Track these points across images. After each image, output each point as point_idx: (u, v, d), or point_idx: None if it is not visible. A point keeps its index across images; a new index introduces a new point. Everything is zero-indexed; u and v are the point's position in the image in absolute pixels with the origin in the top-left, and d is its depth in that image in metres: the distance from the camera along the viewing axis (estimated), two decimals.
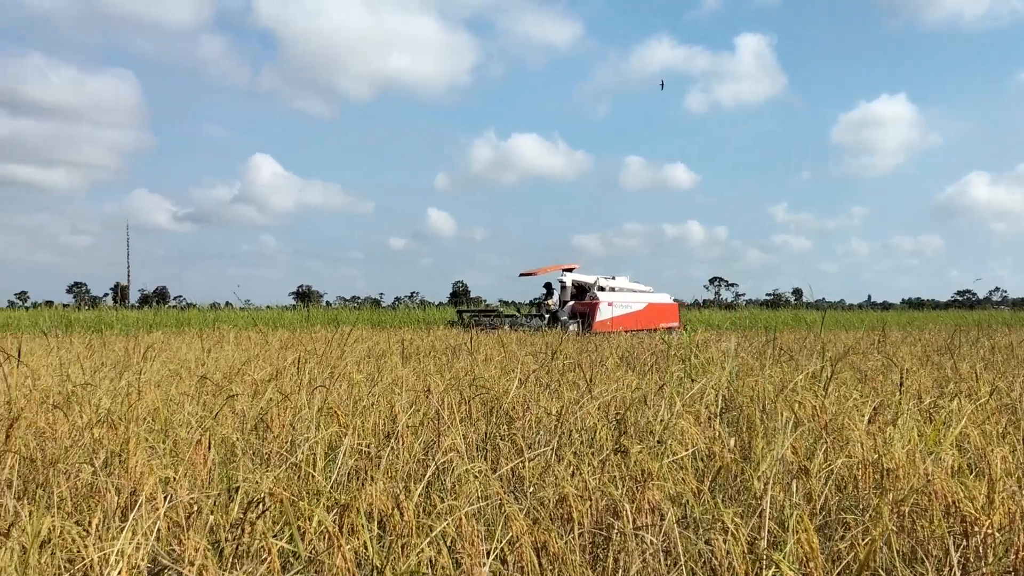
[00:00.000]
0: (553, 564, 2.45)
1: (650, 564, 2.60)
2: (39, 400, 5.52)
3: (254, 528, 1.98)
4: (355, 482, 3.55)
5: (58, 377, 7.15)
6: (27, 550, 2.32)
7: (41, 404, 5.31)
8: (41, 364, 8.10)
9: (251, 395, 5.89)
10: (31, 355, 9.43)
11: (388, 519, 2.58)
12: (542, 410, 4.61)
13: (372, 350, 11.80)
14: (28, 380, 6.69)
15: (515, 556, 2.31)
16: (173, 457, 3.86)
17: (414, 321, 27.74)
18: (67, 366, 7.88)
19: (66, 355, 9.47)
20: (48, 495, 3.25)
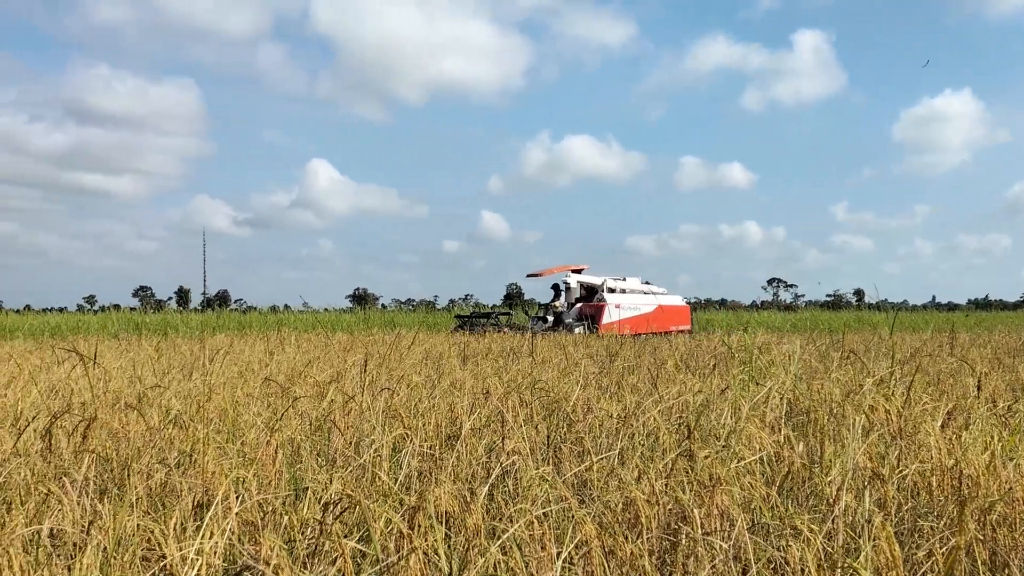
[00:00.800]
0: (622, 568, 2.43)
1: (720, 570, 2.56)
2: (111, 401, 5.69)
3: (328, 528, 2.00)
4: (419, 484, 3.57)
5: (128, 379, 7.36)
6: (109, 549, 2.39)
7: (113, 405, 5.47)
8: (112, 366, 8.35)
9: (314, 397, 5.98)
10: (102, 357, 9.73)
11: (456, 521, 2.59)
12: (603, 413, 4.58)
13: (429, 352, 11.89)
14: (100, 382, 6.90)
15: (584, 560, 2.30)
16: (242, 458, 3.93)
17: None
18: (138, 368, 8.10)
19: (135, 357, 9.74)
20: (125, 494, 3.34)
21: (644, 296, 23.45)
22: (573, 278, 22.72)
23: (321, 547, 2.17)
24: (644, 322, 22.21)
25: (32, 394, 5.38)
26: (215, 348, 12.03)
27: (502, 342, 14.14)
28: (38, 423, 4.35)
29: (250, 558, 1.93)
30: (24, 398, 5.63)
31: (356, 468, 3.61)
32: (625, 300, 22.62)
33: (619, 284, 23.41)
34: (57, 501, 2.91)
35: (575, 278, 22.73)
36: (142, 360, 9.13)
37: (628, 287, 23.57)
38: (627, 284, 23.65)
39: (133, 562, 2.28)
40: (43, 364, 8.72)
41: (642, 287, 24.10)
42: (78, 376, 7.25)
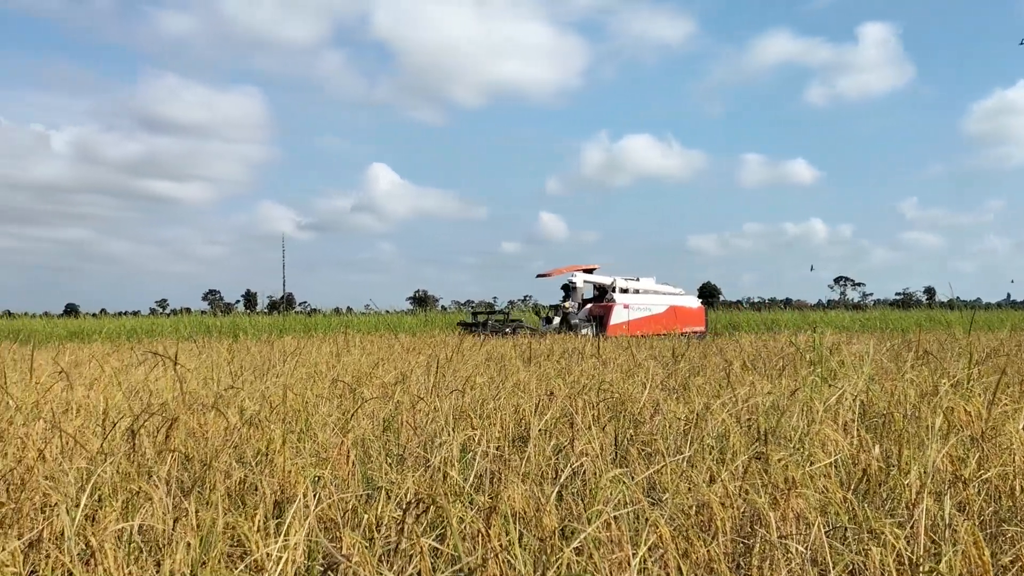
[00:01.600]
0: (696, 571, 2.42)
1: (796, 573, 2.53)
2: (188, 402, 5.88)
3: (408, 528, 2.04)
4: (488, 484, 3.61)
5: (203, 380, 7.59)
6: (194, 545, 2.48)
7: (190, 406, 5.64)
8: (187, 368, 8.62)
9: (381, 398, 6.08)
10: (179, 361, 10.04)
11: (529, 522, 2.61)
12: (671, 415, 4.56)
13: (491, 354, 11.97)
14: (178, 383, 7.13)
15: (659, 563, 2.30)
16: (315, 457, 4.02)
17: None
18: (212, 370, 8.33)
19: (209, 359, 10.03)
20: (207, 492, 3.46)
21: (655, 296, 22.69)
22: (580, 277, 22.02)
23: (400, 546, 2.21)
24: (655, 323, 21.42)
25: (117, 396, 5.59)
26: (283, 350, 12.32)
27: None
28: (123, 423, 4.52)
29: (340, 556, 1.98)
30: (107, 399, 5.85)
31: (426, 468, 3.67)
32: (635, 300, 21.94)
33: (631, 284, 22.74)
34: (145, 499, 3.03)
35: (582, 277, 22.04)
36: (215, 362, 9.39)
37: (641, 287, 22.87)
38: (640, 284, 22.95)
39: (220, 558, 2.36)
40: (122, 366, 9.05)
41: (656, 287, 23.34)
42: (156, 377, 7.50)
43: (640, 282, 22.98)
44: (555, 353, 11.75)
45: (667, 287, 23.61)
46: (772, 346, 11.81)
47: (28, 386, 6.24)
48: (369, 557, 2.00)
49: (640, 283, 22.95)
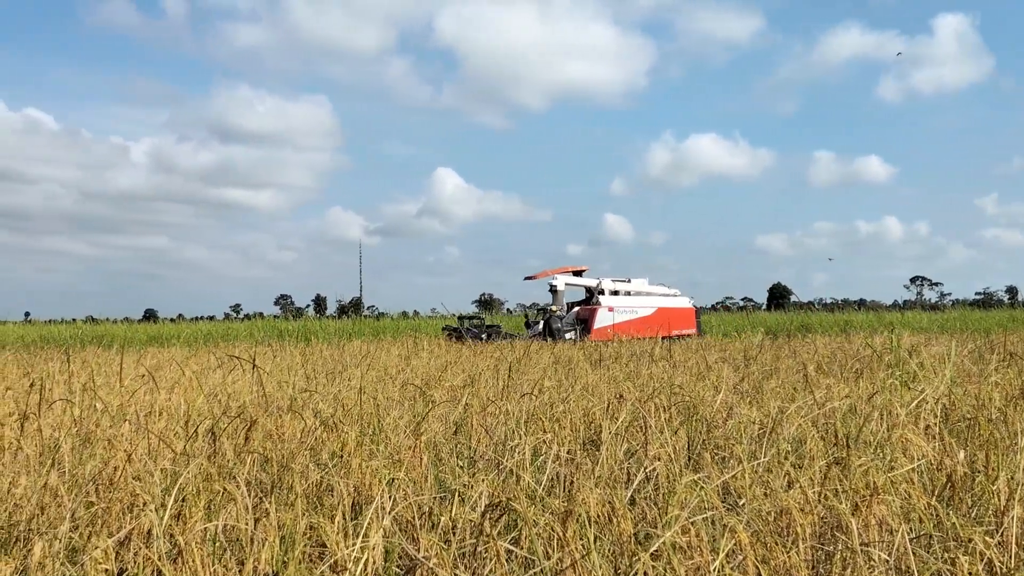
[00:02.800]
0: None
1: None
2: (264, 405, 6.03)
3: (486, 530, 2.06)
4: (560, 488, 3.61)
5: (277, 383, 7.77)
6: (275, 544, 2.54)
7: (267, 409, 5.79)
8: (262, 371, 8.84)
9: (450, 401, 6.13)
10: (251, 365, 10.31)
11: (603, 526, 2.60)
12: (746, 419, 4.49)
13: (559, 357, 11.95)
14: (254, 386, 7.32)
15: (738, 569, 2.26)
16: (388, 459, 4.08)
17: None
18: (287, 373, 8.52)
19: (283, 363, 10.27)
20: (285, 493, 3.54)
21: (642, 298, 21.80)
22: (560, 279, 21.09)
23: (477, 549, 2.23)
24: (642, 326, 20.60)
25: (199, 399, 5.76)
26: (353, 354, 12.54)
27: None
28: (203, 425, 4.66)
29: (419, 557, 2.01)
30: (187, 401, 6.04)
31: (498, 470, 3.69)
32: (620, 303, 21.10)
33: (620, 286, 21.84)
34: (227, 499, 3.11)
35: (563, 279, 21.13)
36: (289, 366, 9.61)
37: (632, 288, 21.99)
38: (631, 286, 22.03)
39: (301, 558, 2.42)
40: (200, 370, 9.33)
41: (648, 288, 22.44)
42: (233, 380, 7.72)
43: (631, 283, 22.14)
44: (622, 356, 11.68)
45: (660, 288, 22.72)
46: (847, 348, 11.52)
47: (114, 390, 6.49)
48: (447, 558, 2.02)
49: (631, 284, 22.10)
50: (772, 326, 23.98)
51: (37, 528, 3.25)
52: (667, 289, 22.82)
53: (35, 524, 3.27)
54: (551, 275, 21.26)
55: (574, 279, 21.43)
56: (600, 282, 21.35)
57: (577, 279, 21.49)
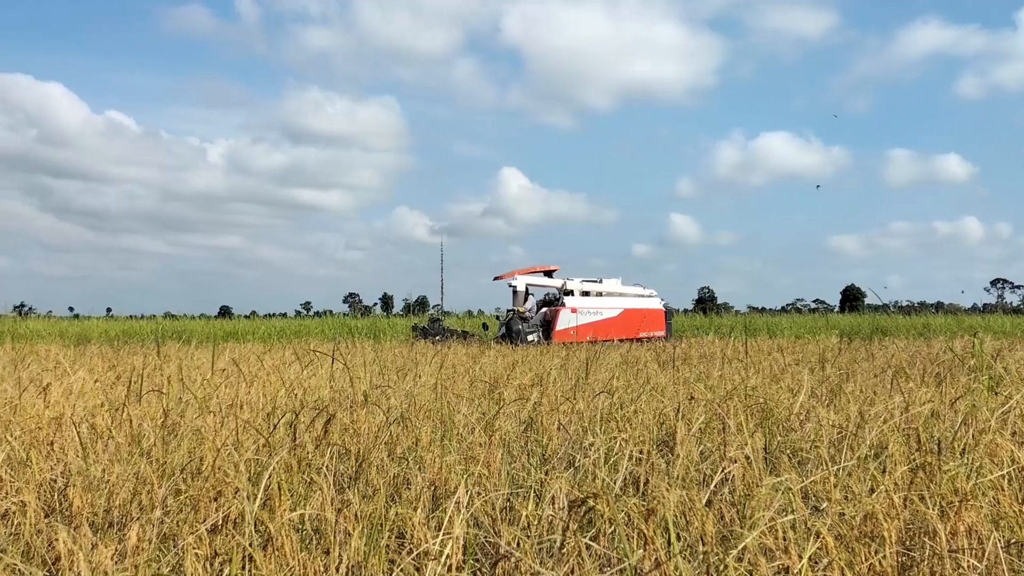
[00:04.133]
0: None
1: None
2: (339, 400, 6.17)
3: (571, 527, 2.08)
4: (634, 488, 3.60)
5: (349, 379, 7.92)
6: (355, 534, 2.61)
7: (342, 404, 5.91)
8: (337, 367, 9.02)
9: (520, 399, 6.17)
10: (326, 361, 10.55)
11: (682, 527, 2.60)
12: (827, 422, 4.40)
13: (626, 357, 11.90)
14: (330, 382, 7.49)
15: (822, 573, 2.23)
16: (460, 453, 4.14)
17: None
18: (360, 369, 8.67)
19: (352, 359, 10.46)
20: (363, 485, 3.63)
21: (608, 299, 20.88)
22: (521, 280, 20.13)
23: (563, 544, 2.25)
24: (606, 328, 19.84)
25: (280, 392, 5.92)
26: (423, 351, 12.69)
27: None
28: (283, 418, 4.79)
29: (508, 549, 2.04)
30: (267, 395, 6.22)
31: (573, 469, 3.70)
32: (584, 304, 20.19)
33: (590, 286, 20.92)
34: (312, 489, 3.20)
35: (523, 280, 20.18)
36: (361, 362, 9.78)
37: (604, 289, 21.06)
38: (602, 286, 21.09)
39: (385, 549, 2.48)
40: (276, 365, 9.58)
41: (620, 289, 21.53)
42: (309, 375, 7.90)
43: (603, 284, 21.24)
44: (691, 357, 11.55)
45: (635, 289, 21.89)
46: (926, 352, 11.17)
47: (195, 383, 6.72)
48: (530, 551, 2.05)
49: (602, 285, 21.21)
50: (846, 329, 23.37)
51: (131, 514, 3.40)
52: (642, 290, 21.86)
53: (129, 510, 3.42)
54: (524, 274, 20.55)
55: (536, 279, 20.60)
56: (565, 283, 20.56)
57: (539, 279, 20.68)
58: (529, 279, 20.27)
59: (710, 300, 76.58)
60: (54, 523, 3.30)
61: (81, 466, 3.82)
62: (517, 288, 19.94)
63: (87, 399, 5.58)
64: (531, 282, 20.31)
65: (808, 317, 33.34)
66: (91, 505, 3.45)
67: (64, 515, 3.50)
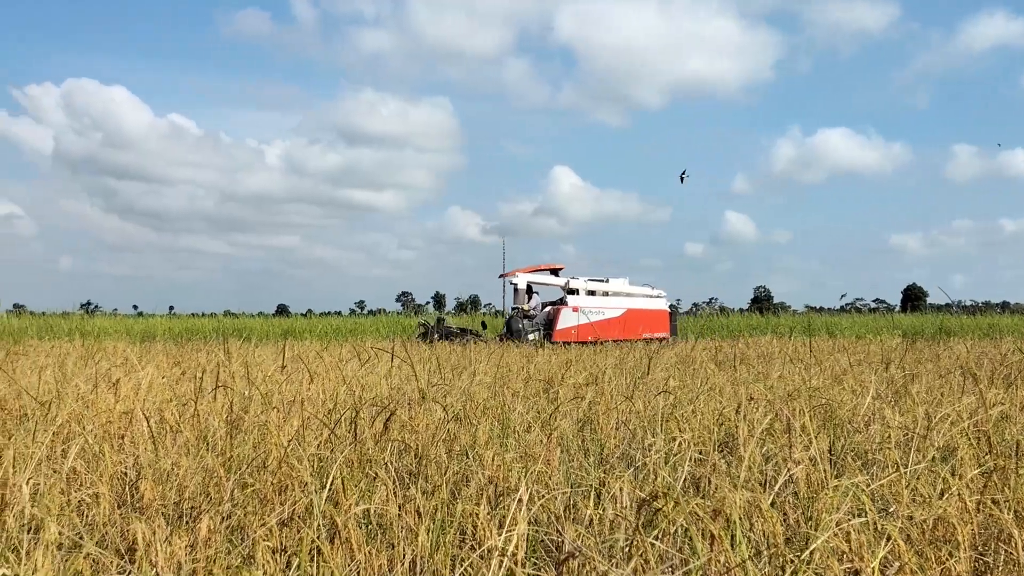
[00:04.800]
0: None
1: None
2: (396, 397, 6.24)
3: (638, 526, 2.08)
4: (694, 488, 3.58)
5: (405, 377, 8.01)
6: (418, 529, 2.64)
7: (399, 401, 5.98)
8: (394, 364, 9.12)
9: (576, 398, 6.16)
10: (381, 358, 10.68)
11: (748, 528, 2.57)
12: (895, 424, 4.31)
13: (679, 356, 11.80)
14: (385, 379, 7.58)
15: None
16: (520, 452, 4.16)
17: (717, 328, 27.19)
18: (415, 367, 8.75)
19: (407, 357, 10.56)
20: (423, 482, 3.66)
21: (610, 299, 20.41)
22: (522, 278, 19.75)
23: (632, 543, 2.25)
24: (608, 328, 19.39)
25: (341, 389, 6.02)
26: (476, 350, 12.77)
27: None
28: (345, 414, 4.87)
29: (575, 546, 2.05)
30: (327, 392, 6.32)
31: (634, 468, 3.69)
32: (586, 303, 19.72)
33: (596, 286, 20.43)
34: (376, 484, 3.25)
35: (524, 278, 19.78)
36: (418, 359, 9.87)
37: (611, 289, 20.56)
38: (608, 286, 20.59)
39: (451, 544, 2.50)
40: (332, 363, 9.73)
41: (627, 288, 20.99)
42: (367, 372, 8.01)
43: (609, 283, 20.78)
44: (748, 357, 11.40)
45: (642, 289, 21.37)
46: (993, 354, 10.84)
47: (256, 379, 6.86)
48: (596, 550, 2.05)
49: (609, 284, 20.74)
50: (908, 329, 22.80)
51: (199, 506, 3.49)
52: (650, 291, 21.44)
53: (198, 502, 3.52)
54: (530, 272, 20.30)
55: (538, 278, 20.26)
56: (568, 281, 20.16)
57: (542, 277, 20.34)
58: (531, 277, 20.05)
59: (766, 299, 75.41)
60: (127, 514, 3.41)
61: (151, 459, 3.94)
62: (518, 286, 19.75)
63: (155, 394, 5.75)
64: (532, 280, 20.09)
65: (868, 316, 32.61)
66: (161, 497, 3.55)
67: (135, 507, 3.61)
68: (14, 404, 5.58)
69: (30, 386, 6.05)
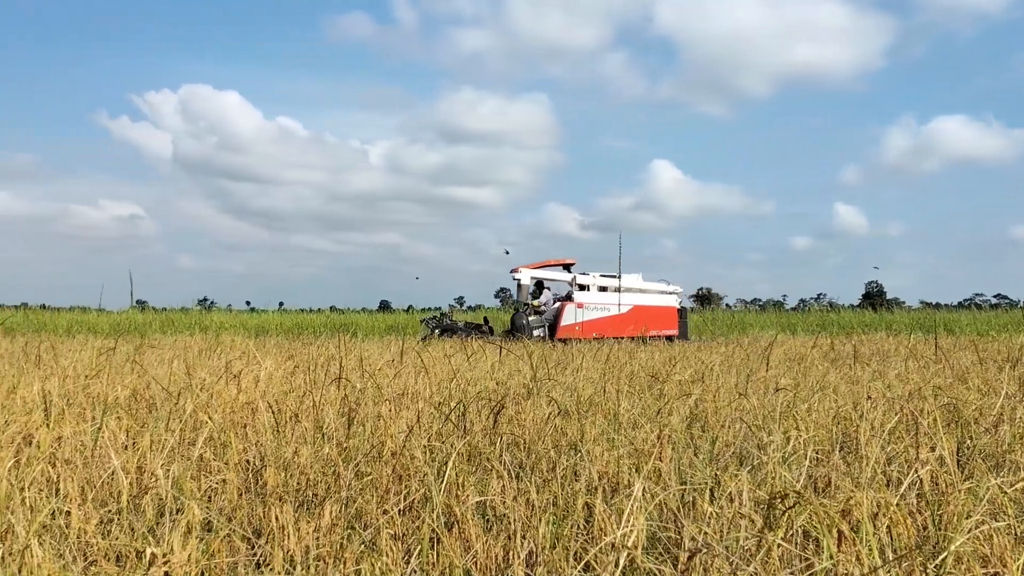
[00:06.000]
0: None
1: None
2: (500, 391, 6.30)
3: (772, 524, 2.04)
4: (814, 488, 3.47)
5: (508, 372, 8.08)
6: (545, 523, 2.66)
7: (504, 394, 6.03)
8: (495, 359, 9.22)
9: (682, 396, 6.08)
10: (484, 353, 10.81)
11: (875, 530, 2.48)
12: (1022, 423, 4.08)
13: (788, 353, 11.47)
14: (490, 373, 7.67)
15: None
16: (629, 448, 4.13)
17: (828, 324, 26.27)
18: (519, 361, 8.82)
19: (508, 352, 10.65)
20: (532, 475, 3.69)
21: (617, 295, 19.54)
22: (525, 273, 19.13)
23: (743, 541, 2.21)
24: (613, 325, 18.71)
25: (452, 383, 6.13)
26: (572, 346, 12.76)
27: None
28: (455, 407, 4.95)
29: (701, 543, 2.03)
30: (432, 385, 6.45)
31: (753, 467, 3.61)
32: (592, 299, 19.05)
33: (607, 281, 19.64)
34: (487, 476, 3.29)
35: (527, 273, 19.16)
36: (520, 354, 9.94)
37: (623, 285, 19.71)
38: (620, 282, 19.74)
39: (570, 537, 2.52)
40: (436, 357, 9.91)
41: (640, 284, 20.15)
42: (471, 366, 8.12)
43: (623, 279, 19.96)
44: (863, 355, 10.98)
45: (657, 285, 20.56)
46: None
47: (369, 373, 7.06)
48: (719, 547, 2.02)
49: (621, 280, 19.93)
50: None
51: (319, 494, 3.62)
52: (665, 286, 20.70)
53: (319, 490, 3.65)
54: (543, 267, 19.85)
55: (543, 273, 19.72)
56: (575, 276, 19.54)
57: (546, 273, 19.79)
58: (536, 273, 19.68)
59: (878, 295, 72.29)
60: (251, 499, 3.57)
61: (273, 448, 4.11)
62: (521, 282, 19.37)
63: (274, 386, 5.99)
64: (536, 276, 19.72)
65: (990, 313, 30.87)
66: (283, 484, 3.70)
67: (258, 493, 3.77)
68: (145, 394, 5.92)
69: (160, 377, 6.40)
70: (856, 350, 11.42)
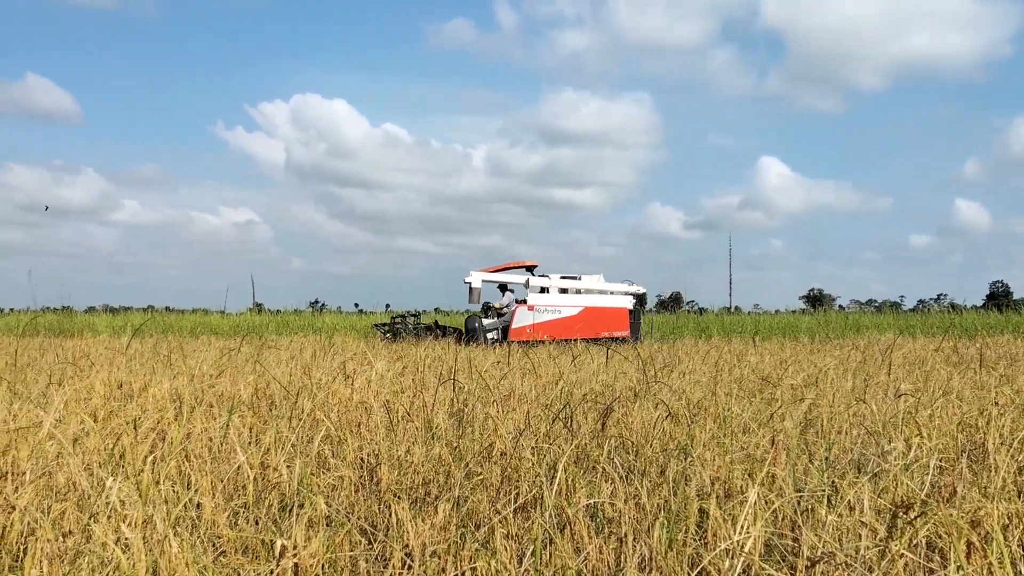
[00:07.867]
0: None
1: None
2: (607, 393, 6.29)
3: (898, 533, 1.98)
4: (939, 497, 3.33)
5: (614, 374, 8.05)
6: (668, 526, 2.65)
7: (611, 397, 6.02)
8: (599, 362, 9.20)
9: (793, 401, 5.91)
10: (588, 355, 10.80)
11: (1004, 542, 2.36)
12: None
13: (908, 357, 10.99)
14: (595, 376, 7.67)
15: None
16: (742, 453, 4.05)
17: (950, 326, 24.95)
18: (621, 364, 8.77)
19: (613, 354, 10.60)
20: (641, 478, 3.68)
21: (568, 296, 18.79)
22: (476, 277, 18.54)
23: (866, 550, 2.15)
24: (563, 327, 18.02)
25: (559, 385, 6.16)
26: (686, 349, 12.59)
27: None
28: (561, 411, 4.98)
29: (825, 552, 1.99)
30: (538, 387, 6.49)
31: (860, 472, 3.49)
32: (542, 301, 18.34)
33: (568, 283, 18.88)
34: (599, 479, 3.30)
35: (479, 276, 18.56)
36: (624, 356, 9.89)
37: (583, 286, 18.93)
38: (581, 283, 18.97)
39: (684, 541, 2.50)
40: (541, 359, 9.97)
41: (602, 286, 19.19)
42: (575, 368, 8.14)
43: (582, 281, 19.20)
44: (988, 359, 10.40)
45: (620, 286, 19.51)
46: None
47: (475, 375, 7.17)
48: (841, 555, 1.97)
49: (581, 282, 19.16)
50: None
51: (431, 492, 3.71)
52: (627, 287, 19.66)
53: (431, 489, 3.74)
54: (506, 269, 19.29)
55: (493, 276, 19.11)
56: (528, 279, 18.90)
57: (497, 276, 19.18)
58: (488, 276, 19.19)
59: (1004, 295, 68.11)
60: (367, 496, 3.70)
61: (386, 447, 4.23)
62: (472, 285, 18.94)
63: (386, 387, 6.16)
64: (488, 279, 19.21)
65: None
66: (397, 482, 3.81)
67: (372, 490, 3.90)
68: (265, 393, 6.20)
69: (279, 377, 6.69)
70: (981, 353, 10.82)
